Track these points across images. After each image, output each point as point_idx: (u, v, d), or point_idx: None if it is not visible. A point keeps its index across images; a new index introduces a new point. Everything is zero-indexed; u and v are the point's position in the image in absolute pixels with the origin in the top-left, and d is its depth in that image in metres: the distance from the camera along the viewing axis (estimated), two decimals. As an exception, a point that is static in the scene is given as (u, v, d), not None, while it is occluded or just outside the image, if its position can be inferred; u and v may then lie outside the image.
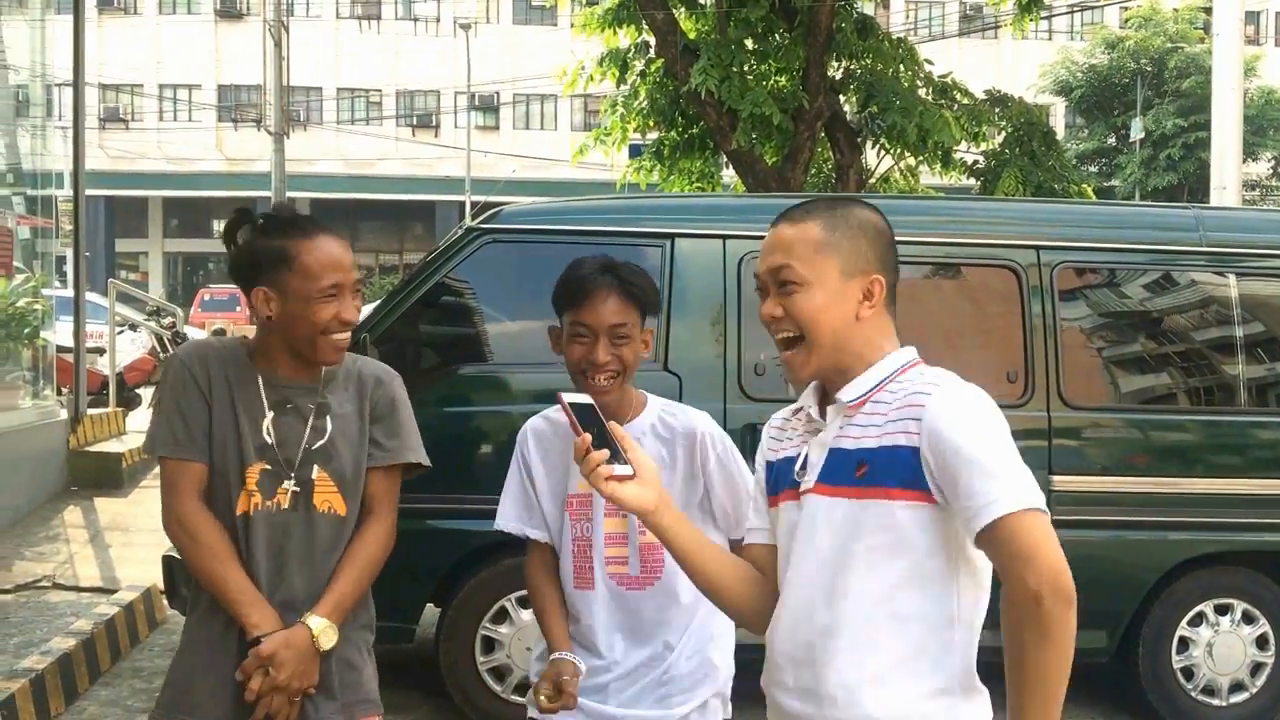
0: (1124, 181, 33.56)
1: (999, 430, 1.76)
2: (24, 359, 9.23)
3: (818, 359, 1.86)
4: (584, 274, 2.45)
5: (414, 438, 2.42)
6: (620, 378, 2.44)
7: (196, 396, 2.26)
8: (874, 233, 1.90)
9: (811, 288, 1.84)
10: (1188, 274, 5.12)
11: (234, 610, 2.23)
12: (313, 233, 2.27)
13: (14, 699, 4.46)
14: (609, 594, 2.49)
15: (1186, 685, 4.92)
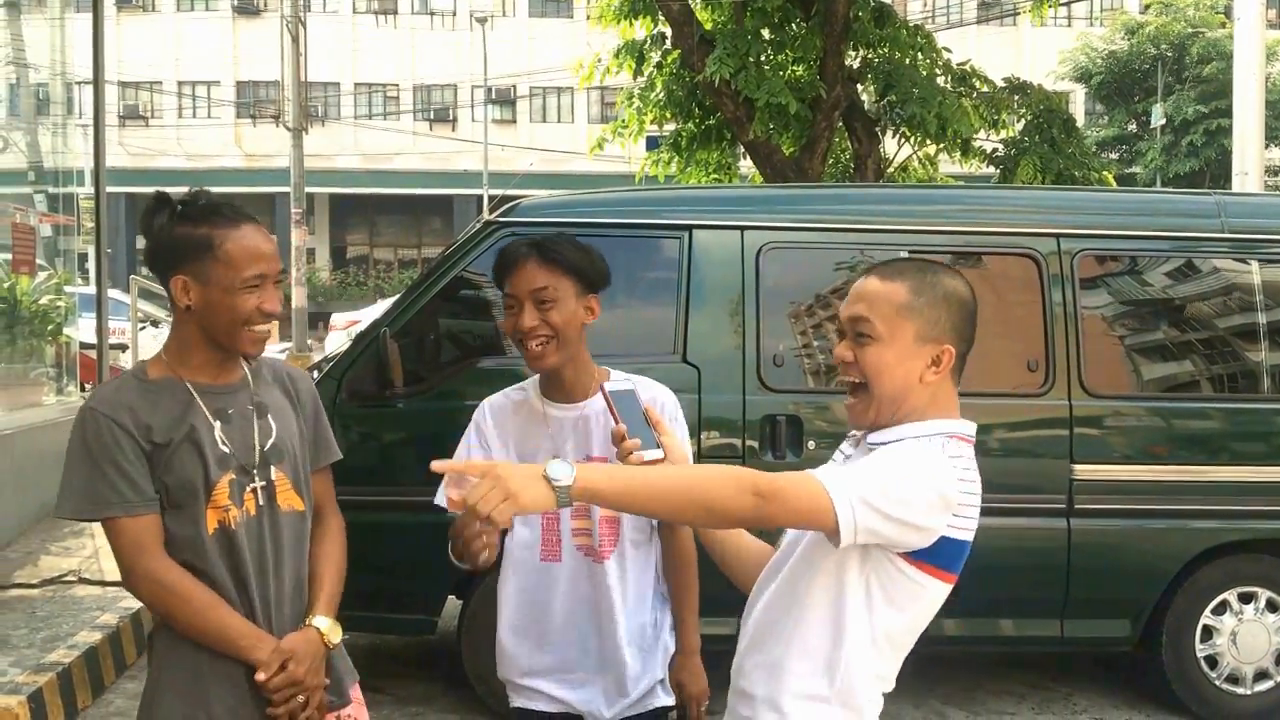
0: (1145, 168, 33.31)
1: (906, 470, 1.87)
2: (47, 356, 9.30)
3: (876, 409, 1.97)
4: (509, 249, 2.58)
5: (331, 434, 2.47)
6: (554, 342, 2.50)
7: (132, 445, 2.15)
8: (957, 304, 1.99)
9: (885, 344, 1.95)
10: (1210, 261, 5.08)
11: (240, 654, 2.20)
12: (237, 221, 2.21)
13: (42, 692, 4.50)
14: (575, 565, 2.57)
15: (1210, 674, 4.89)
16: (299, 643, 2.23)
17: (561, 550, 2.58)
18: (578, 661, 2.59)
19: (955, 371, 2.00)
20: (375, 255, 40.93)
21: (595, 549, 2.57)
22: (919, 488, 1.85)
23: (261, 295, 2.20)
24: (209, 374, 2.25)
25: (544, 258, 2.52)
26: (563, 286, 2.51)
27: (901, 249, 4.91)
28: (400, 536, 4.54)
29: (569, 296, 2.51)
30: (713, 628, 2.83)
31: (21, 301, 8.61)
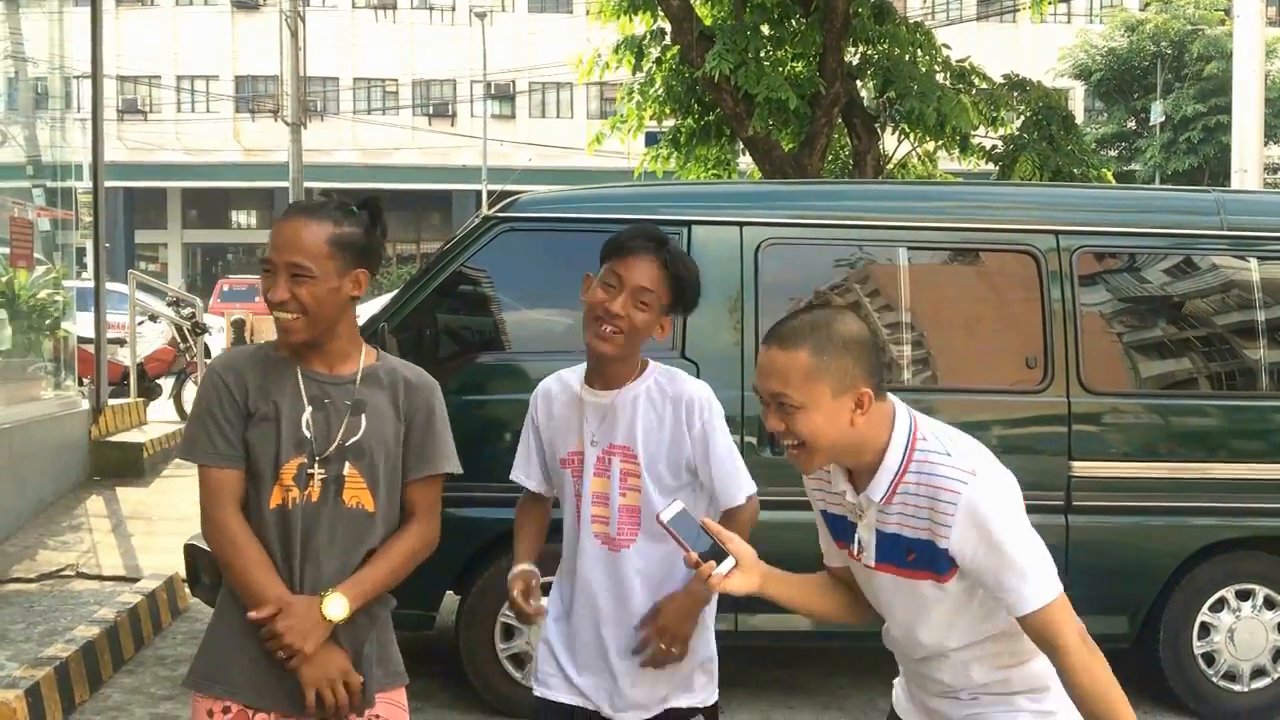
0: (1144, 165, 33.32)
1: (1020, 523, 2.06)
2: (46, 350, 9.30)
3: (819, 459, 2.14)
4: (637, 233, 2.60)
5: (449, 446, 2.47)
6: (624, 337, 2.55)
7: (231, 404, 2.31)
8: (858, 348, 2.10)
9: (808, 410, 2.07)
10: (1208, 258, 5.08)
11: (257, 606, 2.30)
12: (287, 213, 2.35)
13: (39, 686, 4.50)
14: (594, 552, 2.65)
15: (1208, 671, 4.90)
16: (297, 603, 2.27)
17: (581, 534, 2.65)
18: (596, 650, 2.64)
19: (880, 396, 2.12)
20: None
21: (613, 538, 2.62)
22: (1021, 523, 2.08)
23: (269, 282, 2.28)
24: (322, 363, 2.36)
25: (663, 263, 2.56)
26: (661, 295, 2.56)
27: (900, 245, 4.91)
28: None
29: (658, 306, 2.56)
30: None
31: (20, 296, 8.61)
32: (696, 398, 2.60)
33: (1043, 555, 2.06)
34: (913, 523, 2.09)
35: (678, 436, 2.60)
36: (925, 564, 2.09)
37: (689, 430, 2.59)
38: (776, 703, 5.03)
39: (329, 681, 2.28)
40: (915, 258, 4.93)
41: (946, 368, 5.00)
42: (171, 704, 4.84)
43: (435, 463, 2.43)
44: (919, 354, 4.95)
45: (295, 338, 2.31)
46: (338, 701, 2.28)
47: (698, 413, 2.59)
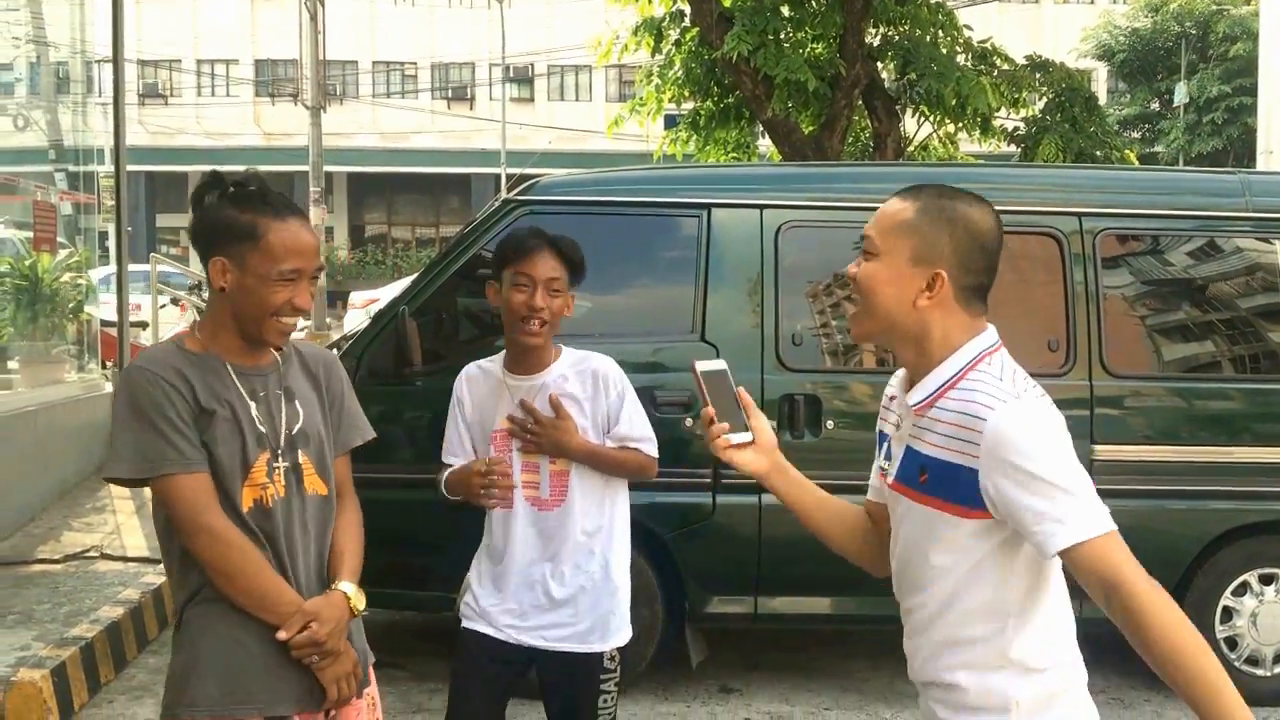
0: (1167, 147, 33.04)
1: (1061, 451, 1.80)
2: (69, 333, 9.37)
3: (868, 326, 1.97)
4: (525, 234, 2.96)
5: (362, 416, 2.50)
6: (549, 327, 2.89)
7: (184, 405, 2.17)
8: (964, 229, 1.93)
9: (880, 260, 1.94)
10: (1233, 240, 5.04)
11: (281, 619, 2.22)
12: (284, 214, 2.22)
13: (65, 666, 4.55)
14: (524, 513, 2.94)
15: (1230, 655, 4.88)
16: (322, 605, 2.25)
17: (513, 498, 2.92)
18: (523, 599, 2.92)
19: (966, 303, 1.94)
20: (393, 234, 40.99)
21: (543, 500, 2.94)
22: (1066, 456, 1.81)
23: (295, 290, 2.22)
24: (241, 355, 2.27)
25: (560, 251, 2.90)
26: (564, 280, 2.91)
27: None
28: (418, 514, 4.55)
29: (565, 290, 2.91)
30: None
31: (43, 279, 8.67)
32: (611, 371, 2.98)
33: (1091, 488, 1.80)
34: (939, 440, 1.88)
35: (598, 405, 2.95)
36: (940, 489, 1.88)
37: (607, 398, 2.95)
38: (796, 685, 5.04)
39: (346, 675, 2.28)
40: (936, 240, 4.90)
41: (967, 351, 4.97)
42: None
43: (358, 433, 2.46)
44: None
45: (285, 340, 2.31)
46: (350, 692, 2.30)
47: (614, 383, 2.96)
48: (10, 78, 11.12)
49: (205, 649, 2.22)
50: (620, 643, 3.00)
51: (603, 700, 2.97)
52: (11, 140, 10.72)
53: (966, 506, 1.84)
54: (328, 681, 2.26)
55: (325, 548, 2.35)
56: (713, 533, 4.69)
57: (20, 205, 9.50)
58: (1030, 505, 1.76)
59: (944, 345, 1.92)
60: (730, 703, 4.89)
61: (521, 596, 2.93)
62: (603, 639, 2.96)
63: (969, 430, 1.83)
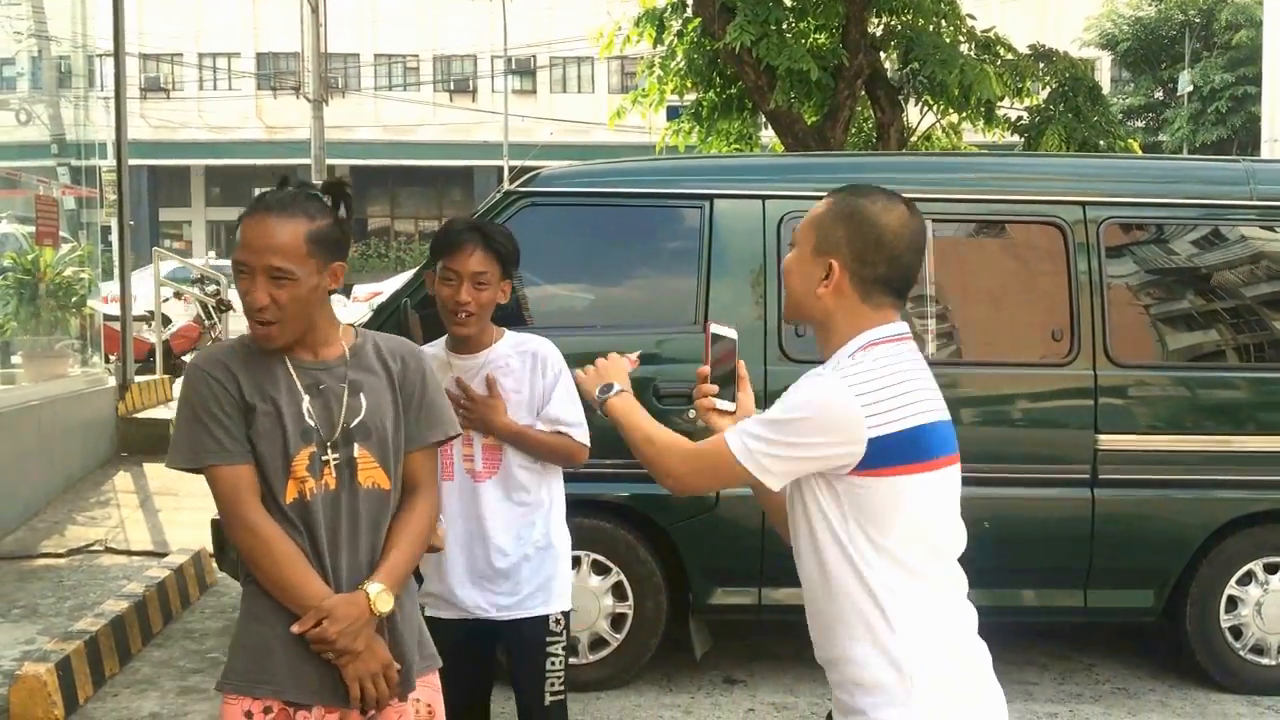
0: (1171, 137, 32.95)
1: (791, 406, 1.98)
2: (72, 328, 9.37)
3: (787, 309, 2.18)
4: (455, 228, 3.06)
5: (447, 411, 2.47)
6: (476, 317, 3.00)
7: (229, 400, 2.23)
8: (859, 223, 2.05)
9: (795, 250, 2.12)
10: (1237, 229, 5.02)
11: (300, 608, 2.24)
12: (256, 209, 2.23)
13: (69, 660, 4.55)
14: (459, 483, 3.06)
15: (1235, 644, 4.87)
16: (339, 604, 2.22)
17: (453, 470, 3.05)
18: (468, 569, 3.03)
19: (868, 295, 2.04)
20: (396, 227, 41.00)
21: (476, 471, 3.05)
22: (797, 416, 1.96)
23: (247, 285, 2.20)
24: (307, 351, 2.30)
25: (486, 246, 2.99)
26: (494, 274, 3.00)
27: (926, 218, 4.85)
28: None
29: (495, 283, 3.01)
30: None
31: (45, 274, 8.67)
32: (550, 353, 3.10)
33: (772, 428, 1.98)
34: None
35: (534, 384, 3.06)
36: None
37: (543, 377, 3.06)
38: (800, 676, 5.03)
39: (372, 675, 2.25)
40: (940, 230, 4.89)
41: (972, 341, 4.96)
42: (200, 677, 4.89)
43: (437, 428, 2.42)
44: (944, 327, 4.92)
45: (274, 344, 2.25)
46: (379, 694, 2.26)
47: (551, 365, 3.08)
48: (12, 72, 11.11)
49: (244, 627, 2.31)
50: (563, 607, 3.10)
51: (550, 663, 3.07)
52: (14, 135, 10.72)
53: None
54: (349, 679, 2.24)
55: (380, 542, 2.32)
56: (716, 524, 4.68)
57: (22, 200, 9.50)
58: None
59: (842, 334, 2.05)
60: (734, 694, 4.89)
61: (466, 568, 3.04)
62: (545, 603, 3.06)
63: None
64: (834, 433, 1.93)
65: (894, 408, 1.96)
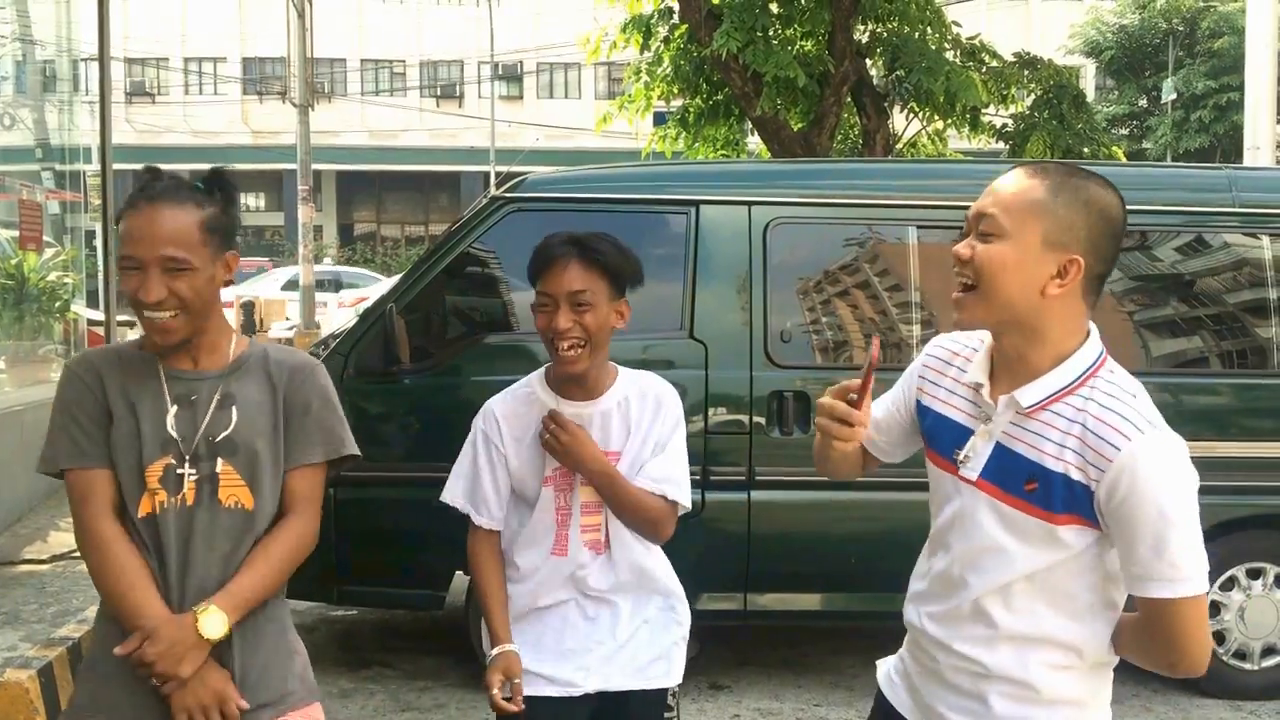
0: (1155, 144, 33.14)
1: (1191, 500, 1.73)
2: (55, 332, 9.33)
3: (984, 313, 1.82)
4: (548, 245, 2.52)
5: (339, 429, 2.28)
6: (587, 347, 2.47)
7: (93, 403, 2.13)
8: (1098, 214, 1.79)
9: (1007, 242, 1.78)
10: (1220, 236, 5.05)
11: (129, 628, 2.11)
12: (139, 202, 2.10)
13: (51, 666, 4.53)
14: (581, 557, 2.57)
15: (1218, 649, 4.89)
16: (164, 624, 2.07)
17: (569, 545, 2.57)
18: (580, 640, 2.59)
19: (1088, 294, 1.82)
20: (382, 232, 40.94)
21: (602, 543, 2.58)
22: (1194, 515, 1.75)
23: (139, 280, 2.07)
24: (187, 358, 2.18)
25: (584, 258, 2.46)
26: (599, 290, 2.47)
27: (910, 224, 4.89)
28: (407, 512, 4.55)
29: (603, 300, 2.47)
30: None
31: (29, 278, 8.63)
32: (670, 399, 2.60)
33: (1201, 543, 1.73)
34: (1053, 449, 1.77)
35: (648, 434, 2.57)
36: (1047, 500, 1.78)
37: (659, 428, 2.58)
38: (785, 682, 5.04)
39: (203, 708, 2.08)
40: (925, 237, 4.91)
41: (956, 347, 4.97)
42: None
43: (317, 448, 2.24)
44: (928, 334, 4.93)
45: (175, 337, 2.12)
46: None
47: (670, 412, 2.59)
48: (-4, 77, 11.08)
49: (93, 649, 2.19)
50: (679, 679, 2.70)
51: None
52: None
53: (1071, 514, 1.77)
54: (175, 710, 2.08)
55: (238, 564, 2.16)
56: (702, 529, 4.69)
57: (6, 204, 9.46)
58: (1146, 542, 1.71)
59: (1062, 342, 1.81)
60: (720, 700, 4.90)
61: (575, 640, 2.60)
62: (666, 673, 2.65)
63: (1100, 448, 1.73)
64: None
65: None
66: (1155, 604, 1.74)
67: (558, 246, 2.49)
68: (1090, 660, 1.87)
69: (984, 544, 1.85)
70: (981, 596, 1.86)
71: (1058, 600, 1.83)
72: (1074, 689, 1.88)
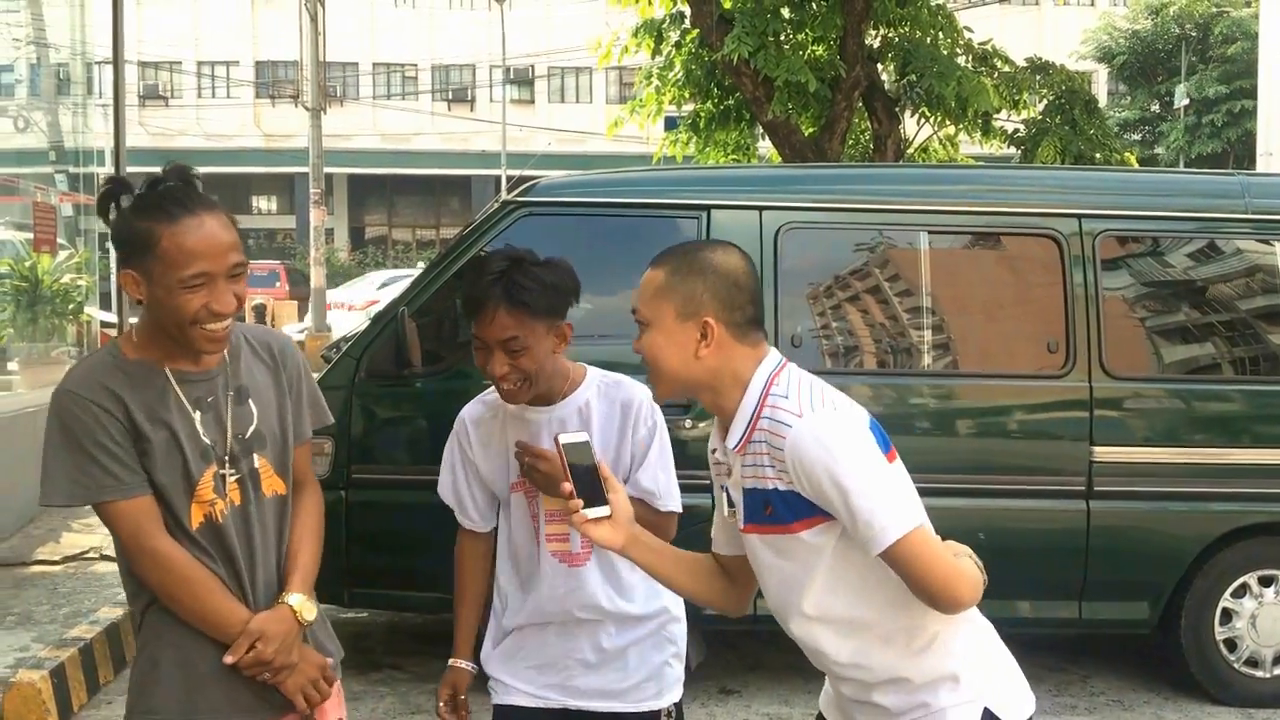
0: (1167, 149, 33.06)
1: (857, 460, 1.89)
2: (69, 335, 9.36)
3: (666, 389, 2.07)
4: (477, 285, 2.42)
5: (321, 399, 2.37)
6: (526, 383, 2.43)
7: (118, 429, 2.06)
8: (714, 276, 2.00)
9: (652, 328, 2.02)
10: (1233, 242, 5.04)
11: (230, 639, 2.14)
12: (178, 215, 2.02)
13: (64, 667, 4.55)
14: (553, 571, 2.52)
15: (1229, 657, 4.87)
16: (268, 622, 2.14)
17: (540, 557, 2.53)
18: (561, 656, 2.55)
19: (743, 336, 2.01)
20: (394, 235, 41.00)
21: (572, 554, 2.52)
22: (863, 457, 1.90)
23: (209, 294, 2.04)
24: (185, 359, 2.13)
25: (512, 303, 2.37)
26: (533, 330, 2.39)
27: (921, 229, 4.88)
28: (418, 514, 4.55)
29: (540, 338, 2.41)
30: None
31: (43, 280, 8.66)
32: (639, 403, 2.51)
33: (893, 486, 1.90)
34: (762, 472, 1.96)
35: (622, 442, 2.50)
36: (782, 517, 1.96)
37: (633, 435, 2.50)
38: (796, 687, 5.03)
39: (312, 682, 2.21)
40: (936, 242, 4.91)
41: (967, 353, 4.97)
42: None
43: (317, 417, 2.34)
44: (939, 339, 4.93)
45: (225, 345, 2.15)
46: (320, 695, 2.22)
47: (644, 419, 2.51)
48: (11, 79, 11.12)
49: (164, 657, 2.16)
50: (676, 697, 2.60)
51: None
52: (12, 141, 10.72)
53: (801, 519, 1.94)
54: (291, 692, 2.18)
55: (284, 548, 2.25)
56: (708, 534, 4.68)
57: (20, 206, 9.50)
58: (849, 514, 1.87)
59: (736, 384, 2.00)
60: (729, 704, 4.89)
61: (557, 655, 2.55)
62: (658, 694, 2.56)
63: (776, 457, 1.93)
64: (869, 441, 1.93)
65: (850, 405, 1.97)
66: (884, 557, 1.88)
67: (485, 289, 2.39)
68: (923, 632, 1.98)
69: (773, 577, 2.05)
70: (802, 617, 2.03)
71: (851, 592, 1.98)
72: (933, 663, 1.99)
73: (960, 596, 1.89)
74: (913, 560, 1.86)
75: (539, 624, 2.56)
